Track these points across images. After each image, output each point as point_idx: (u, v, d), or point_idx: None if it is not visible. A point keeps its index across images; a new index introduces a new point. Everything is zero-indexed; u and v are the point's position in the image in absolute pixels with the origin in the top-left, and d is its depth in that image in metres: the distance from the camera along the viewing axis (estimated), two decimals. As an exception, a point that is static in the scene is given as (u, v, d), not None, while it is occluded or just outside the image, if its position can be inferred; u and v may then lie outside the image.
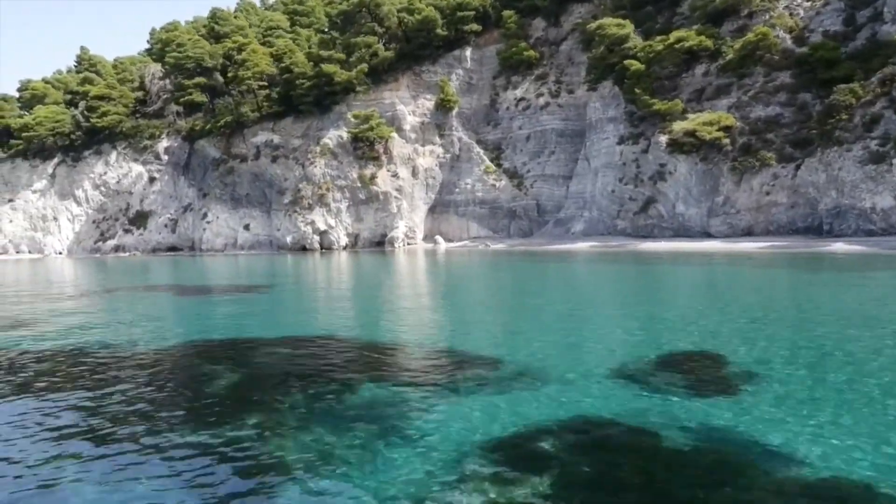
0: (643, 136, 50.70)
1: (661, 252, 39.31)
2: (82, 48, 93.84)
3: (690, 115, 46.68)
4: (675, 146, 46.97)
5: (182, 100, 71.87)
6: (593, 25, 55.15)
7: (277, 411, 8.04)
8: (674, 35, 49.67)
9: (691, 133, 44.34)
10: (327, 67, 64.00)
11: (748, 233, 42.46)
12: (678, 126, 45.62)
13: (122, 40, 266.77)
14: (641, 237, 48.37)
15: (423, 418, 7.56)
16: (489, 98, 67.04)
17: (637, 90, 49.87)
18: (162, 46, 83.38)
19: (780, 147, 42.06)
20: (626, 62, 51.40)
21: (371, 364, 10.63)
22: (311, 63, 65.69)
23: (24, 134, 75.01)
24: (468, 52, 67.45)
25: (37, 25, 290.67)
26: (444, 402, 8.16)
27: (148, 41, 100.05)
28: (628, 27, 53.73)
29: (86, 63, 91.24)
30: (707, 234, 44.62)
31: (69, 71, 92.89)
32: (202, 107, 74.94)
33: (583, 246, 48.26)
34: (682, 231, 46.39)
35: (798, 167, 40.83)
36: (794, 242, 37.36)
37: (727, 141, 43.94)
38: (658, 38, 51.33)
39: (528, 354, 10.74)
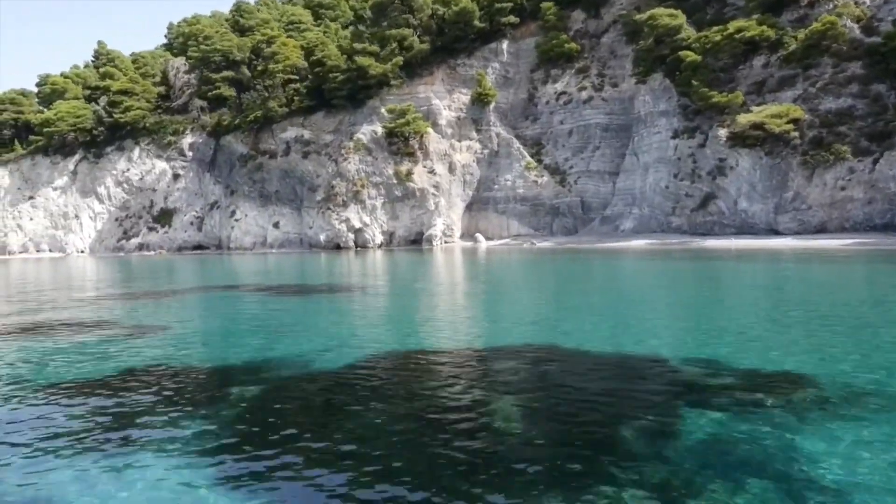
0: (699, 129, 48.87)
1: (732, 249, 37.40)
2: (100, 43, 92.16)
3: (755, 108, 44.82)
4: (737, 140, 45.15)
5: (209, 94, 69.94)
6: (643, 16, 53.31)
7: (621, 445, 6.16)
8: (733, 25, 47.82)
9: (759, 126, 42.50)
10: (362, 60, 62.15)
11: (821, 230, 40.63)
12: (743, 119, 43.77)
13: (124, 36, 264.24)
14: (700, 235, 46.51)
15: (799, 456, 5.71)
16: (527, 92, 65.19)
17: (695, 82, 48.00)
18: (184, 41, 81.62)
19: (855, 140, 40.25)
20: (681, 53, 49.57)
21: (653, 381, 8.69)
22: (345, 56, 63.81)
23: (45, 129, 73.05)
24: (505, 44, 65.60)
25: (39, 24, 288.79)
26: (802, 433, 6.30)
27: (166, 36, 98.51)
28: (681, 17, 51.91)
29: (104, 58, 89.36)
30: (773, 232, 42.79)
31: (86, 66, 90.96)
32: (227, 102, 73.07)
33: (639, 244, 46.37)
34: (746, 228, 44.56)
35: (876, 161, 39.02)
36: (880, 239, 35.52)
37: (796, 134, 42.11)
38: (714, 28, 49.47)
39: (829, 368, 8.84)
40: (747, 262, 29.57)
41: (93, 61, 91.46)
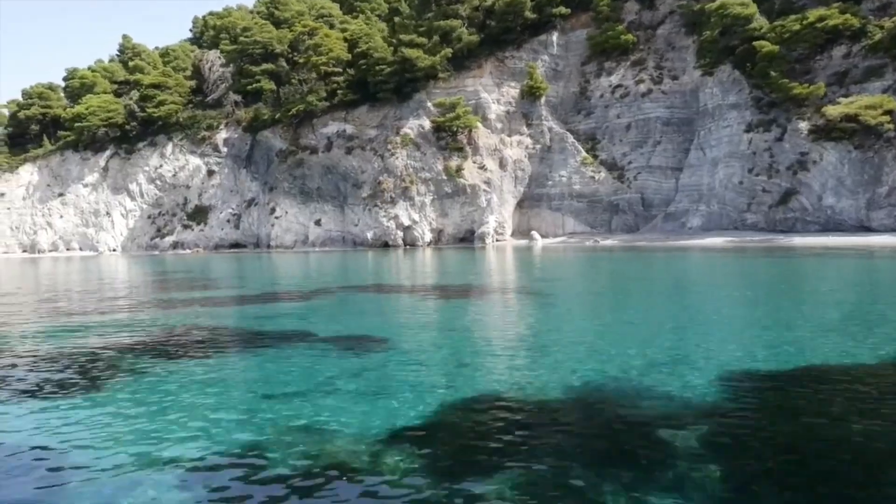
0: (775, 122, 46.97)
1: (830, 247, 35.41)
2: (124, 37, 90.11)
3: (842, 100, 42.86)
4: (820, 133, 43.27)
5: (249, 87, 67.78)
6: (713, 5, 51.33)
7: None
8: (813, 14, 45.88)
9: (853, 118, 40.57)
10: (409, 52, 60.12)
11: (920, 226, 38.72)
12: (833, 111, 41.83)
13: (144, 31, 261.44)
14: (779, 232, 44.60)
15: None
16: (578, 85, 63.22)
17: (773, 73, 46.04)
18: (216, 34, 79.64)
19: (957, 132, 38.32)
20: (756, 44, 47.61)
21: None
22: (391, 48, 61.77)
23: (76, 124, 70.89)
24: (555, 36, 63.58)
25: (57, 18, 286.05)
26: None
27: (191, 30, 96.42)
28: (752, 6, 49.99)
29: (129, 52, 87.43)
30: (864, 228, 40.88)
31: (111, 60, 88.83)
32: (262, 96, 70.91)
33: (716, 241, 44.42)
34: (831, 225, 42.65)
35: (982, 154, 37.10)
36: None
37: (890, 126, 40.19)
38: (791, 17, 47.52)
39: None
40: (863, 259, 27.64)
41: (118, 55, 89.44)
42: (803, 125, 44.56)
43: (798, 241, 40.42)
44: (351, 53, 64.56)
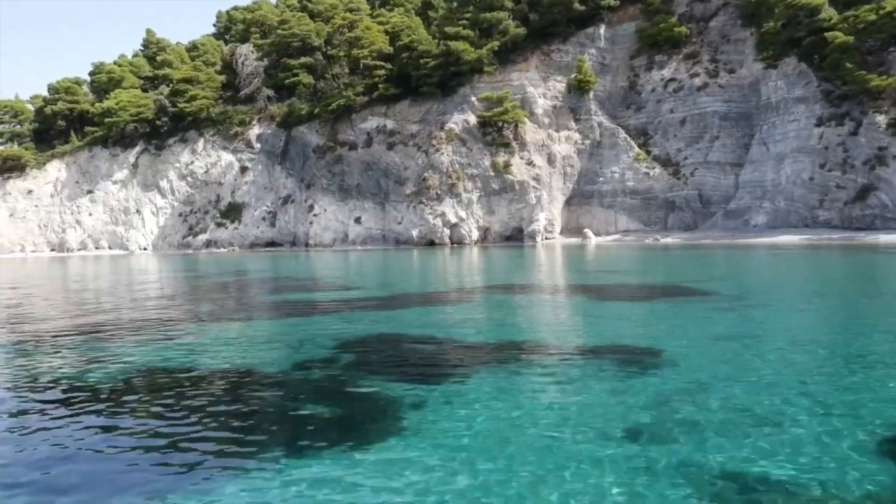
0: (848, 116, 45.36)
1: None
2: (148, 31, 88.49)
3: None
4: (900, 127, 41.62)
5: (287, 81, 65.95)
6: (777, -5, 49.66)
7: None
8: (891, 3, 44.24)
9: (944, 110, 38.93)
10: (456, 45, 58.40)
11: None
12: (920, 103, 40.17)
13: (163, 26, 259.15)
14: (855, 229, 42.93)
15: None
16: (627, 79, 61.55)
17: (849, 65, 44.40)
18: (245, 27, 77.84)
19: None
20: (828, 35, 45.96)
21: None
22: (436, 41, 60.05)
23: (106, 120, 69.08)
24: (602, 29, 61.92)
25: (75, 13, 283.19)
26: None
27: (215, 25, 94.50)
28: (821, -4, 48.31)
29: (153, 46, 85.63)
30: (951, 226, 39.29)
31: (135, 55, 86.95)
32: (296, 91, 69.12)
33: (790, 239, 42.76)
34: (915, 222, 41.02)
35: None
36: None
37: (981, 119, 38.59)
38: (865, 7, 45.89)
39: None
40: None
41: (142, 50, 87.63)
42: (881, 118, 42.99)
43: (883, 238, 38.80)
44: (392, 46, 62.77)
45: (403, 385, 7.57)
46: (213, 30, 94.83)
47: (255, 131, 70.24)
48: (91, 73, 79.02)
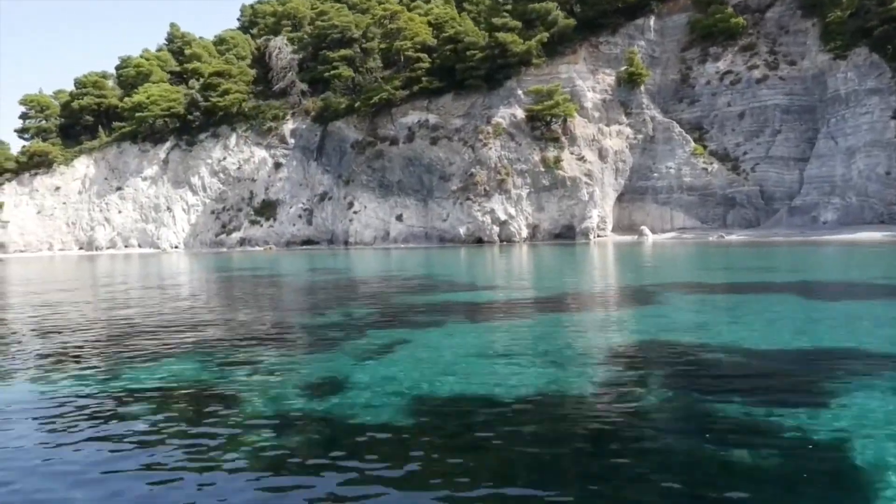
0: (927, 108, 43.56)
1: None
2: (172, 25, 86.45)
3: None
4: None
5: (326, 74, 63.99)
6: (848, -17, 47.88)
7: None
8: (975, -11, 42.49)
9: None
10: (504, 37, 56.55)
11: None
12: None
13: (186, 21, 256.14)
14: (939, 226, 41.17)
15: None
16: (678, 72, 59.79)
17: (931, 54, 42.64)
18: (276, 20, 75.91)
19: None
20: (906, 23, 44.17)
21: None
22: (483, 32, 58.17)
23: (137, 115, 67.09)
24: (651, 21, 60.17)
25: (95, 7, 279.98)
26: None
27: (239, 19, 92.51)
28: (894, -16, 46.51)
29: (178, 40, 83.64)
30: None
31: (159, 49, 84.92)
32: (330, 84, 67.18)
33: (872, 236, 40.86)
34: None
35: None
36: None
37: None
38: (944, -6, 44.13)
39: None
40: None
41: (166, 44, 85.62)
42: (966, 110, 41.17)
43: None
44: (436, 38, 60.91)
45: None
46: (236, 24, 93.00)
47: (288, 126, 68.36)
48: (118, 68, 77.04)
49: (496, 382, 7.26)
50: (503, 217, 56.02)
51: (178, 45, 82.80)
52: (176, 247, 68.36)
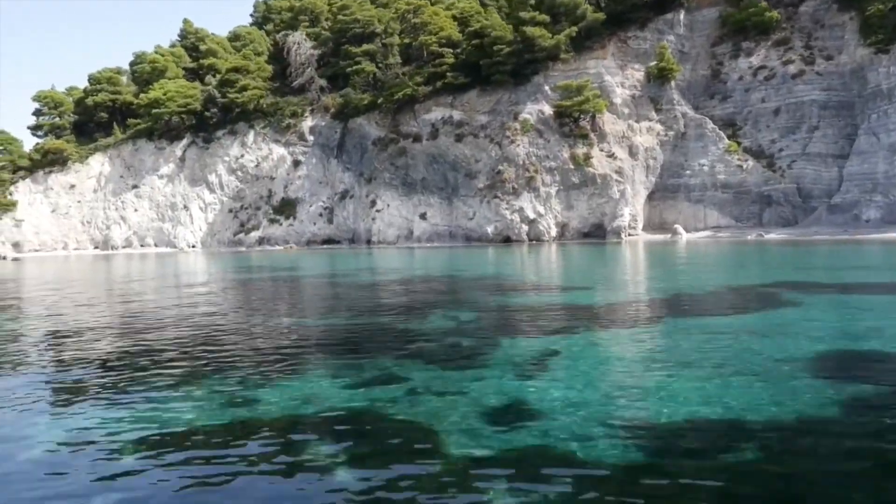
0: (976, 103, 42.33)
1: None
2: (185, 21, 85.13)
3: None
4: None
5: (348, 70, 62.75)
6: (892, -25, 46.63)
7: None
8: None
9: None
10: (532, 31, 55.30)
11: None
12: None
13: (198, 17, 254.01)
14: None
15: None
16: (708, 67, 58.54)
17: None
18: (293, 15, 74.64)
19: None
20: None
21: None
22: (510, 27, 56.90)
23: (153, 111, 65.85)
24: (681, 15, 58.93)
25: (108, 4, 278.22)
26: None
27: (252, 14, 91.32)
28: (940, -24, 45.29)
29: (192, 36, 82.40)
30: None
31: (172, 45, 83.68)
32: (349, 80, 65.92)
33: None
34: None
35: None
36: None
37: None
38: None
39: None
40: None
41: (179, 40, 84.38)
42: None
43: None
44: (461, 33, 59.66)
45: None
46: (249, 20, 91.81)
47: (307, 123, 67.16)
48: (132, 64, 75.76)
49: (701, 401, 6.05)
50: (532, 216, 54.77)
51: (191, 41, 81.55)
52: (193, 246, 67.14)
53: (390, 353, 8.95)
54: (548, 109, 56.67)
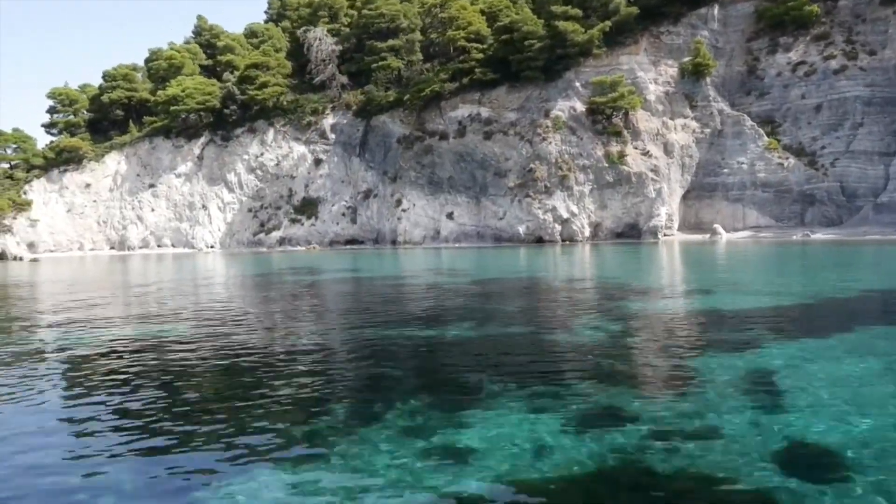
0: None
1: None
2: (199, 17, 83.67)
3: None
4: None
5: (374, 66, 61.19)
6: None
7: None
8: None
9: None
10: (565, 25, 53.81)
11: None
12: None
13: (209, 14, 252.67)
14: None
15: None
16: (744, 63, 57.05)
17: None
18: (312, 10, 73.05)
19: None
20: None
21: None
22: (541, 21, 55.41)
23: (171, 108, 64.26)
24: (715, 10, 57.44)
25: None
26: None
27: (266, 11, 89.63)
28: None
29: (206, 33, 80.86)
30: None
31: (187, 42, 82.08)
32: (371, 77, 64.35)
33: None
34: None
35: None
36: None
37: None
38: None
39: None
40: None
41: (193, 37, 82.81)
42: None
43: None
44: (490, 27, 58.14)
45: None
46: (263, 17, 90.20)
47: (328, 121, 65.59)
48: (147, 60, 74.10)
49: None
50: (565, 215, 53.25)
51: (206, 38, 80.00)
52: (212, 246, 65.58)
53: (576, 378, 7.43)
54: (580, 106, 55.18)
